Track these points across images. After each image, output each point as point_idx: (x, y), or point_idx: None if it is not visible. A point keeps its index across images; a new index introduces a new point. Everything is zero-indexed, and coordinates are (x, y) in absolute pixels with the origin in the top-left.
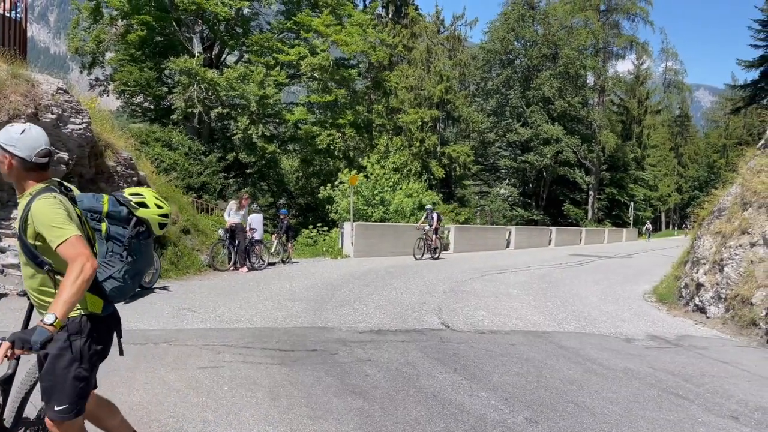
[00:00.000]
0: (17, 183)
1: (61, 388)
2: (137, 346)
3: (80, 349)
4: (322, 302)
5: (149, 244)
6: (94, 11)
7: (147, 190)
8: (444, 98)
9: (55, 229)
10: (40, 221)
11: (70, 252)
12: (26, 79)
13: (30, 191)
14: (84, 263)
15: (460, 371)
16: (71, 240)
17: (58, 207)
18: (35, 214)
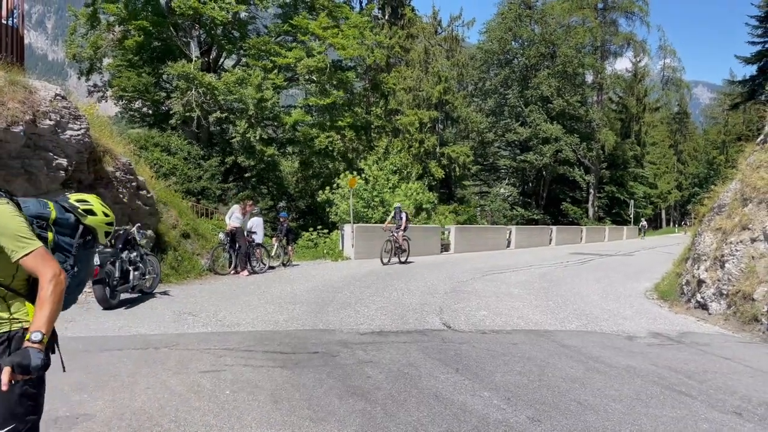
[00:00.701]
0: None
1: (7, 407)
2: (138, 351)
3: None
4: (324, 304)
5: (93, 253)
6: (91, 17)
7: (92, 197)
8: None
9: (19, 239)
10: (4, 227)
11: (38, 264)
12: (24, 86)
13: None
14: (57, 274)
15: (462, 371)
16: (39, 252)
17: (18, 215)
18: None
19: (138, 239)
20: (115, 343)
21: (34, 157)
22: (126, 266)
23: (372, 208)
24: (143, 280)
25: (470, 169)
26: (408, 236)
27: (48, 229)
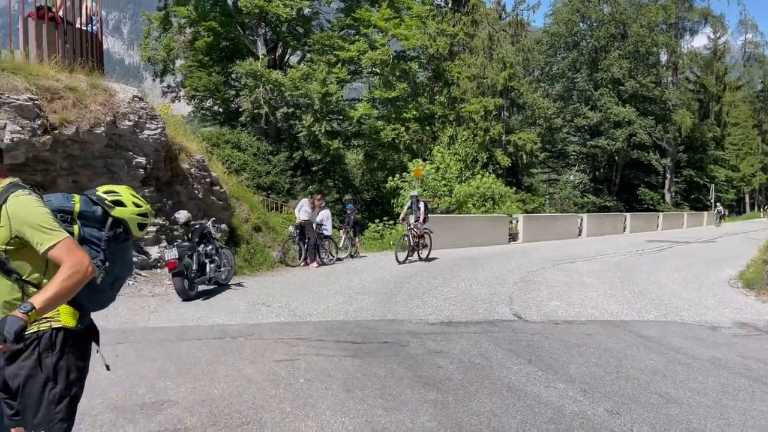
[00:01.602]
0: None
1: (36, 412)
2: (216, 340)
3: (53, 367)
4: (391, 295)
5: (128, 247)
6: (163, 21)
7: (123, 188)
8: (508, 85)
9: (45, 230)
10: (25, 221)
11: (63, 255)
12: (104, 89)
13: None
14: (80, 263)
15: (535, 362)
16: (65, 242)
17: (43, 206)
18: (16, 213)
19: (213, 233)
20: (194, 333)
21: (116, 156)
22: (202, 259)
23: (439, 197)
24: (219, 272)
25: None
26: (429, 229)
27: (73, 223)
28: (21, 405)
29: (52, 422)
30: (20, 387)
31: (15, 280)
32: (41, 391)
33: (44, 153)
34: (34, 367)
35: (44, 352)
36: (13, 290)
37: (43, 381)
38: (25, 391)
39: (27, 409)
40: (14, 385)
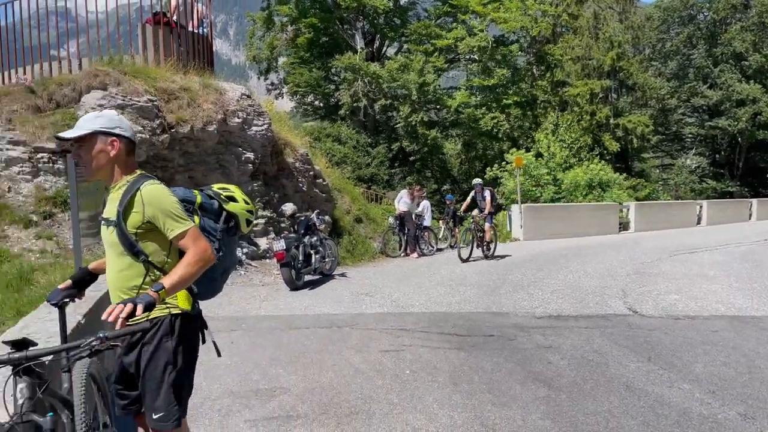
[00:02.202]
0: (113, 171)
1: (156, 395)
2: (323, 329)
3: (172, 351)
4: (495, 287)
5: (236, 241)
6: (266, 20)
7: (234, 187)
8: (615, 66)
9: (175, 218)
10: (159, 207)
11: (190, 242)
12: (215, 89)
13: (128, 179)
14: (206, 250)
15: (655, 360)
16: (192, 231)
17: (173, 195)
18: (151, 199)
19: (317, 224)
20: (302, 322)
21: (226, 152)
22: (308, 250)
23: (542, 186)
24: (323, 263)
25: (649, 140)
26: (495, 222)
27: (194, 213)
28: (142, 389)
29: (171, 404)
30: (142, 372)
31: (143, 261)
32: (162, 375)
33: (163, 151)
34: (155, 352)
35: (164, 336)
36: (140, 274)
37: (164, 365)
38: (146, 375)
39: (148, 393)
40: (134, 370)
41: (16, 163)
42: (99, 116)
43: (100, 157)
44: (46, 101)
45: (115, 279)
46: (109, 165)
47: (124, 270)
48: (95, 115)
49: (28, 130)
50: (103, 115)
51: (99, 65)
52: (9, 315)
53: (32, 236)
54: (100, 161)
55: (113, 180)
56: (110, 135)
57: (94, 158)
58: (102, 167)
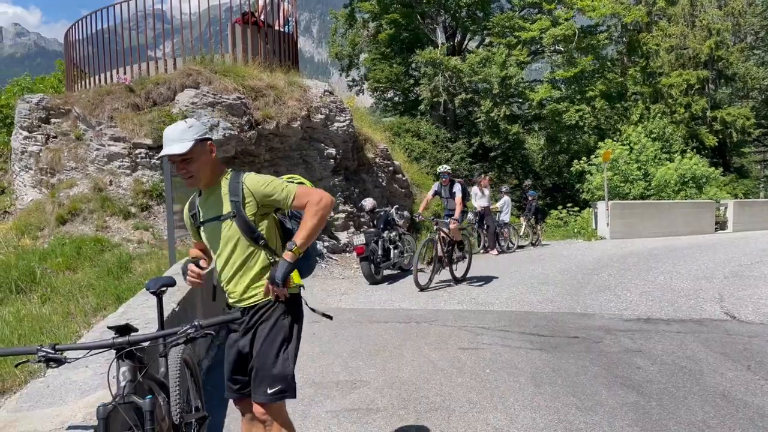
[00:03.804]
0: (211, 172)
1: (274, 369)
2: (402, 324)
3: (289, 326)
4: (579, 287)
5: None
6: (349, 17)
7: (299, 177)
8: (713, 55)
9: (283, 189)
10: (266, 189)
11: (306, 198)
12: (299, 86)
13: (225, 177)
14: (322, 195)
15: (756, 369)
16: (300, 189)
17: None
18: (257, 187)
19: (396, 220)
20: (381, 316)
21: (310, 148)
22: (387, 245)
23: (631, 182)
24: (402, 258)
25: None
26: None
27: None
28: (257, 367)
29: (288, 376)
30: (257, 350)
31: (263, 245)
32: (279, 349)
33: (250, 146)
34: (272, 328)
35: (282, 314)
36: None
37: (282, 340)
38: (263, 351)
39: (264, 368)
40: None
41: (117, 158)
42: (190, 126)
43: (204, 164)
44: (143, 99)
45: (234, 272)
46: (210, 168)
47: (245, 261)
48: (186, 126)
49: (127, 127)
50: (193, 124)
51: (192, 65)
52: (110, 300)
53: (131, 227)
54: (205, 167)
55: (213, 181)
56: (206, 140)
57: (201, 167)
58: (207, 172)
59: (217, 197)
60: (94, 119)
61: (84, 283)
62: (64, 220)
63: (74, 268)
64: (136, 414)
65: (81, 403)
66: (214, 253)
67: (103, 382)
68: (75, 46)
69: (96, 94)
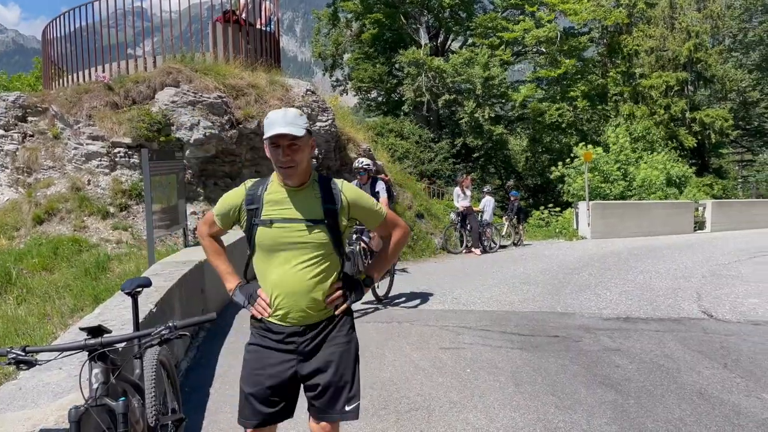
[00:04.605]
0: (308, 168)
1: (352, 386)
2: (384, 324)
3: (357, 342)
4: (559, 286)
5: None
6: (332, 17)
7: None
8: (692, 57)
9: (375, 206)
10: (361, 203)
11: (391, 224)
12: (281, 85)
13: (314, 178)
14: (406, 229)
15: (732, 367)
16: (390, 214)
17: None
18: (355, 197)
19: None
20: (363, 316)
21: None
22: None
23: (611, 182)
24: None
25: (729, 135)
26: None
27: None
28: (338, 380)
29: (358, 394)
30: (334, 369)
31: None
32: (353, 365)
33: (231, 146)
34: (347, 344)
35: (350, 329)
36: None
37: (354, 356)
38: (340, 370)
39: (341, 387)
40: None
41: (96, 157)
42: (301, 115)
43: (306, 157)
44: (123, 98)
45: (304, 283)
46: (308, 164)
47: (320, 272)
48: (298, 113)
49: (106, 126)
50: (304, 115)
51: (172, 63)
52: (87, 302)
53: (109, 227)
54: (306, 161)
55: (304, 179)
56: (309, 133)
57: (305, 158)
58: (306, 167)
59: (305, 198)
60: (72, 118)
61: (61, 284)
62: (41, 220)
63: (51, 269)
64: (109, 416)
65: (54, 405)
66: (273, 256)
67: (76, 385)
68: (53, 44)
69: (74, 92)
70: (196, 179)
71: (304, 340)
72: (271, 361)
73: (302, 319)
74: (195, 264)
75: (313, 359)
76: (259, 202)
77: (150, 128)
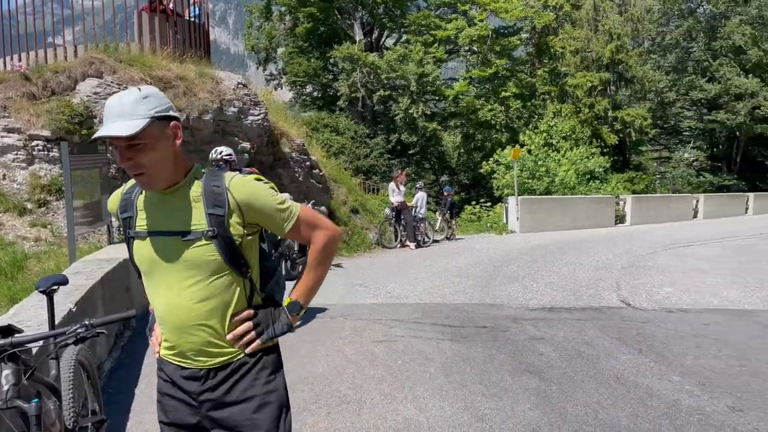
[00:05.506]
0: (174, 167)
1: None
2: (317, 319)
3: (284, 387)
4: (489, 278)
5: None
6: (264, 10)
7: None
8: (614, 58)
9: (281, 207)
10: (259, 202)
11: (308, 227)
12: (211, 77)
13: (194, 174)
14: (333, 231)
15: (646, 352)
16: (305, 213)
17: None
18: (247, 195)
19: None
20: None
21: (223, 141)
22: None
23: (537, 178)
24: None
25: (648, 134)
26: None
27: None
28: None
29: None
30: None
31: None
32: (278, 420)
33: None
34: (267, 392)
35: (273, 373)
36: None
37: (278, 408)
38: (258, 422)
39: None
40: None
41: (11, 150)
42: (146, 97)
43: (164, 155)
44: (41, 89)
45: (192, 314)
46: (172, 161)
47: (210, 297)
48: (140, 96)
49: (23, 118)
50: (150, 94)
51: (95, 53)
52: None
53: (27, 224)
54: (165, 160)
55: (175, 179)
56: (169, 119)
57: (158, 158)
58: (167, 167)
59: (180, 204)
60: None
61: None
62: None
63: None
64: (22, 419)
65: None
66: (154, 279)
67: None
68: None
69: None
70: (121, 174)
71: (204, 390)
72: (170, 408)
73: (199, 360)
74: (119, 261)
75: (220, 417)
76: (133, 209)
77: (71, 120)
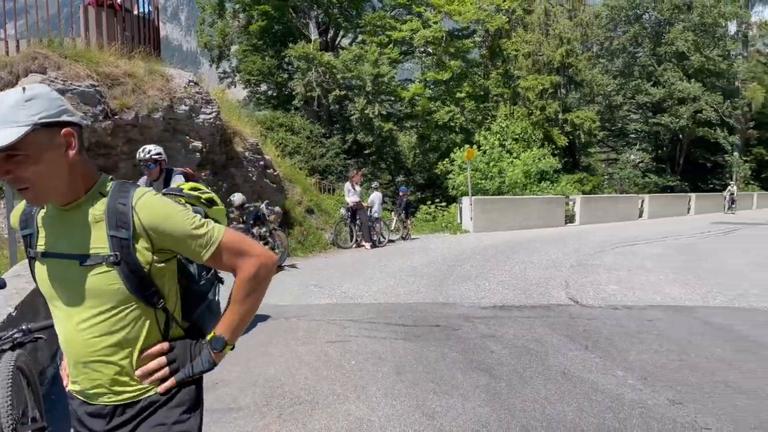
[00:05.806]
0: (68, 181)
1: None
2: (271, 321)
3: (199, 428)
4: (443, 278)
5: None
6: (218, 7)
7: (203, 186)
8: (565, 62)
9: (198, 231)
10: (171, 223)
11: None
12: (161, 75)
13: (98, 189)
14: (264, 258)
15: (592, 348)
16: (229, 237)
17: (175, 202)
18: (155, 218)
19: (267, 215)
20: None
21: (173, 140)
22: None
23: (489, 179)
24: None
25: (596, 136)
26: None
27: None
28: None
29: None
30: None
31: (161, 307)
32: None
33: (106, 138)
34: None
35: (188, 411)
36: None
37: None
38: None
39: None
40: None
41: None
42: (29, 99)
43: (50, 166)
44: None
45: (87, 345)
46: (66, 174)
47: (113, 331)
48: (21, 98)
49: None
50: (35, 95)
51: (38, 48)
52: None
53: None
54: (54, 174)
55: (73, 195)
56: (59, 126)
57: (44, 172)
58: (57, 181)
59: (79, 223)
60: None
61: None
62: None
63: None
64: None
65: None
66: (55, 305)
67: None
68: None
69: None
70: None
71: (109, 429)
72: None
73: (105, 397)
74: None
75: None
76: (33, 226)
77: None
